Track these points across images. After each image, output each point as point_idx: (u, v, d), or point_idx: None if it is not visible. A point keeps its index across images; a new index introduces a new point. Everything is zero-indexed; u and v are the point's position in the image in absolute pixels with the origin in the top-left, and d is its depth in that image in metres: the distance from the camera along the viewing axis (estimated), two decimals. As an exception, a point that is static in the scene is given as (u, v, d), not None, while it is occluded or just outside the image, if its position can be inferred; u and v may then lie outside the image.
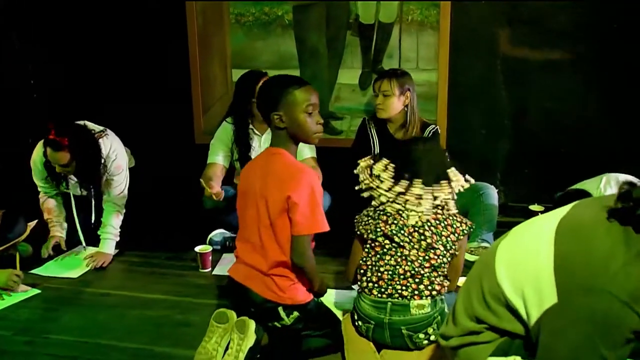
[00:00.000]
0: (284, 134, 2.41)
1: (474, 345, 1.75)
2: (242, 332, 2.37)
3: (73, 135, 3.35)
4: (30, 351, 2.69)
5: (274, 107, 2.36)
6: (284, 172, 2.37)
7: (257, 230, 2.45)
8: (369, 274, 2.44)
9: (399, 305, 2.36)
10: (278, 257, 2.41)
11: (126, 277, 3.50)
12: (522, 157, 4.19)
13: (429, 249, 2.38)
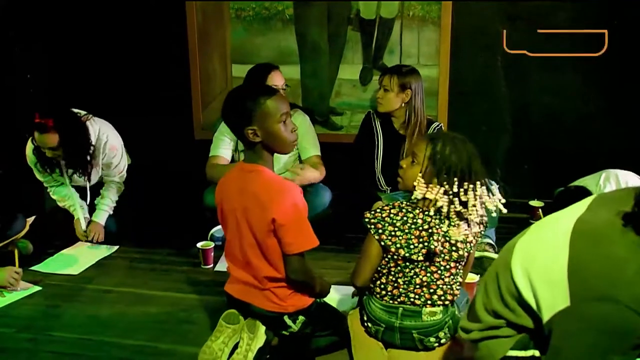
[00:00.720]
0: (258, 147, 2.31)
1: (495, 339, 1.77)
2: (252, 332, 2.37)
3: (58, 116, 3.37)
4: (32, 348, 2.68)
5: (247, 122, 2.24)
6: (265, 193, 2.27)
7: (242, 249, 2.41)
8: (384, 281, 2.34)
9: (410, 311, 2.32)
10: (269, 274, 2.37)
11: (127, 273, 3.48)
12: (522, 153, 4.20)
13: (459, 261, 2.30)
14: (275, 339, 2.45)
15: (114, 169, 3.76)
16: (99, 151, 3.64)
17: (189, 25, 4.21)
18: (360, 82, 4.10)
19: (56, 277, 3.43)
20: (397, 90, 3.54)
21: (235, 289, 2.51)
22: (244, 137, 2.30)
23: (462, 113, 4.11)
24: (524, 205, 4.06)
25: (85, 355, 2.62)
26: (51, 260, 3.63)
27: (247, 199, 2.32)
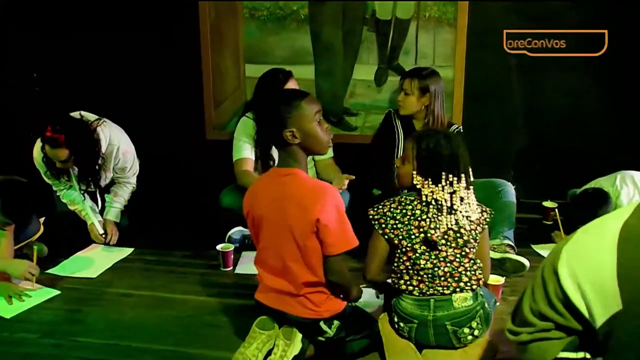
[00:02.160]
0: (295, 149, 2.38)
1: (545, 341, 1.81)
2: (289, 339, 2.38)
3: (69, 131, 3.36)
4: (59, 354, 2.67)
5: (284, 125, 2.32)
6: (306, 195, 2.32)
7: (279, 255, 2.44)
8: (407, 278, 2.44)
9: (442, 300, 2.39)
10: (307, 279, 2.40)
11: (145, 276, 3.47)
12: (536, 154, 4.23)
13: (465, 245, 2.40)
14: (311, 348, 2.46)
15: (129, 171, 3.80)
16: (111, 157, 3.66)
17: (202, 24, 4.19)
18: (375, 82, 4.11)
19: (74, 280, 3.42)
20: (418, 94, 3.57)
21: (268, 298, 2.53)
22: (281, 141, 2.35)
23: (477, 114, 4.13)
24: (537, 206, 4.10)
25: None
26: (67, 263, 3.62)
27: (286, 203, 2.34)
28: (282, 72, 3.63)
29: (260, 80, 3.67)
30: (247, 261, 3.54)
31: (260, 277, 2.56)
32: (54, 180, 3.71)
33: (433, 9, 3.93)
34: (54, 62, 4.46)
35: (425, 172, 2.41)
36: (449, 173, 2.38)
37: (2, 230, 3.27)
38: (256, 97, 3.70)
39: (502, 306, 2.93)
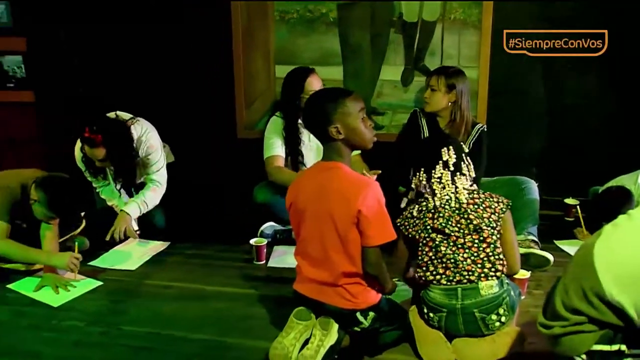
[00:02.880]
0: (339, 145, 2.47)
1: (578, 334, 1.90)
2: (326, 329, 2.46)
3: (106, 132, 3.49)
4: (106, 342, 2.78)
5: (329, 121, 2.42)
6: (349, 187, 2.42)
7: (321, 246, 2.52)
8: (432, 268, 2.55)
9: (469, 289, 2.48)
10: (346, 269, 2.49)
11: (182, 269, 3.58)
12: (557, 151, 4.28)
13: (477, 231, 2.50)
14: (347, 339, 2.53)
15: (152, 166, 3.85)
16: (140, 150, 3.76)
17: (234, 27, 4.29)
18: (402, 82, 4.19)
19: (114, 272, 3.53)
20: (445, 91, 3.64)
21: (306, 288, 2.62)
22: (326, 136, 2.45)
23: (500, 113, 4.19)
24: (559, 203, 4.15)
25: (158, 349, 2.70)
26: (107, 256, 3.74)
27: (330, 195, 2.44)
28: (303, 69, 3.76)
29: (285, 79, 3.79)
30: (279, 255, 3.66)
31: (300, 268, 2.65)
32: (93, 178, 3.83)
33: (458, 11, 4.00)
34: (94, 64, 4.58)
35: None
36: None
37: (47, 224, 3.40)
38: (283, 97, 3.82)
39: (528, 299, 3.01)
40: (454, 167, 2.59)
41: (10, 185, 3.31)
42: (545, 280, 3.26)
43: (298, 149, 3.76)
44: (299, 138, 3.78)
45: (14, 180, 3.34)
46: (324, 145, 2.54)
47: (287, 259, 3.59)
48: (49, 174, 3.36)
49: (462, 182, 2.58)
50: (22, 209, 3.32)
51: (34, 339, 2.81)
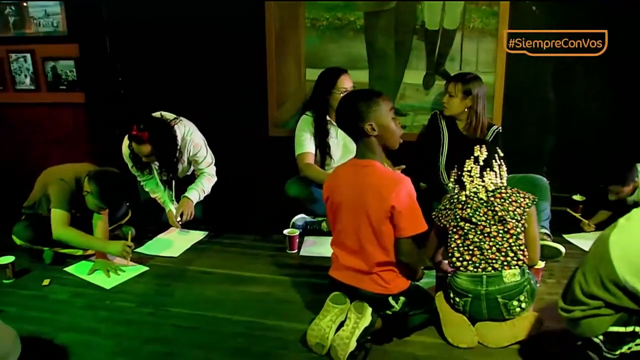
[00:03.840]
0: (373, 142, 2.54)
1: (596, 317, 1.98)
2: (361, 313, 2.53)
3: (152, 130, 3.57)
4: (155, 322, 2.87)
5: (364, 119, 2.48)
6: (383, 184, 2.48)
7: (356, 237, 2.60)
8: (458, 255, 2.64)
9: (493, 276, 2.56)
10: (380, 259, 2.57)
11: (221, 257, 3.66)
12: (566, 151, 4.30)
13: (502, 222, 2.58)
14: (379, 322, 2.60)
15: (202, 162, 3.96)
16: (185, 149, 3.85)
17: (267, 32, 4.35)
18: (424, 86, 4.23)
19: (159, 258, 3.63)
20: (461, 96, 3.71)
21: (342, 275, 2.69)
22: (360, 134, 2.52)
23: (514, 115, 4.22)
24: (567, 199, 4.18)
25: (203, 329, 2.78)
26: (151, 244, 3.83)
27: (365, 191, 2.51)
28: (337, 68, 3.85)
29: (319, 76, 3.87)
30: (309, 244, 3.74)
31: (336, 256, 2.72)
32: (139, 172, 3.92)
33: (477, 20, 4.04)
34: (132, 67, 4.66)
35: None
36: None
37: (98, 214, 3.48)
38: (315, 93, 3.90)
39: (542, 288, 3.07)
40: (484, 162, 2.67)
41: (66, 178, 3.41)
42: (557, 270, 3.32)
43: (326, 142, 3.84)
44: (327, 131, 3.85)
45: (69, 173, 3.44)
46: (357, 143, 2.60)
47: (317, 248, 3.68)
48: (101, 168, 3.45)
49: (490, 177, 2.66)
50: (77, 200, 3.41)
51: (91, 317, 2.91)
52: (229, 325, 2.82)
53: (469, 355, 2.52)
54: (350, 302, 2.62)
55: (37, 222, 3.48)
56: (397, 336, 2.64)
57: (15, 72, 4.75)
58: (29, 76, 4.74)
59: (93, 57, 4.55)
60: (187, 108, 4.02)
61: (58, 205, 3.35)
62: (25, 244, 3.55)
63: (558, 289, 3.00)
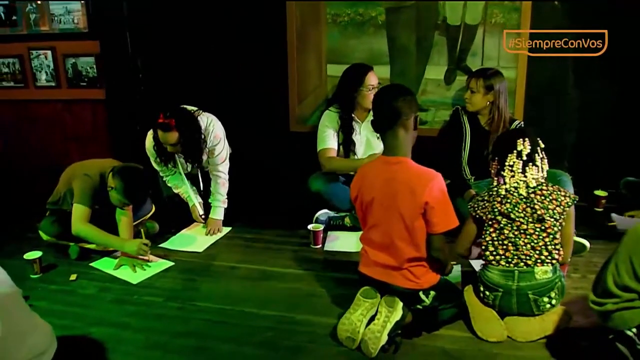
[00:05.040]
0: (407, 138, 2.59)
1: (629, 310, 1.99)
2: (392, 307, 2.54)
3: (179, 116, 3.59)
4: (184, 316, 2.90)
5: (406, 114, 2.54)
6: (416, 180, 2.51)
7: (388, 234, 2.61)
8: (492, 249, 2.63)
9: (525, 272, 2.56)
10: (411, 254, 2.58)
11: (246, 252, 3.69)
12: (587, 147, 4.29)
13: (541, 220, 2.57)
14: (410, 316, 2.61)
15: (217, 156, 3.92)
16: (207, 139, 3.84)
17: (289, 28, 4.35)
18: (445, 81, 4.23)
19: (183, 254, 3.66)
20: (483, 92, 3.71)
21: (373, 271, 2.71)
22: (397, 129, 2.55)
23: (536, 110, 4.21)
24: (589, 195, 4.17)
25: (232, 323, 2.81)
26: (175, 239, 3.86)
27: (398, 187, 2.53)
28: (364, 65, 3.85)
29: (345, 72, 3.87)
30: (333, 239, 3.75)
31: (366, 252, 2.73)
32: (162, 166, 3.92)
33: (499, 15, 4.03)
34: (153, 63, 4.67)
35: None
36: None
37: (122, 209, 3.51)
38: (340, 89, 3.90)
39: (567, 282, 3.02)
40: (527, 157, 2.64)
41: (91, 173, 3.43)
42: (582, 265, 3.32)
43: (351, 138, 3.84)
44: (352, 128, 3.85)
45: (94, 169, 3.46)
46: (388, 139, 2.61)
47: (341, 243, 3.69)
48: (125, 164, 3.47)
49: (532, 173, 2.63)
50: (100, 195, 3.44)
51: (120, 312, 2.95)
52: (257, 319, 2.84)
53: (498, 349, 2.53)
54: (380, 297, 2.63)
55: (63, 217, 3.50)
56: (426, 330, 2.65)
57: (36, 69, 4.78)
58: (49, 73, 4.77)
59: (113, 53, 4.56)
60: (208, 104, 4.01)
61: (80, 200, 3.38)
62: (51, 239, 3.59)
63: (583, 283, 3.05)
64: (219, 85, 4.58)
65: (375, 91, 3.65)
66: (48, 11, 4.64)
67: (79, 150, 4.80)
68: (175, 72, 4.61)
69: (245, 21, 4.43)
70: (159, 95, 4.55)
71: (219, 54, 4.55)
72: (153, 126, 3.67)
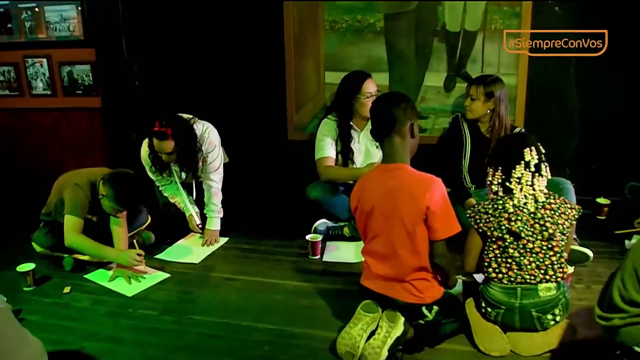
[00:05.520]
0: (405, 145, 2.54)
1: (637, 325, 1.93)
2: (393, 322, 2.48)
3: (175, 125, 3.53)
4: (180, 330, 2.82)
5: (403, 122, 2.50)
6: (416, 185, 2.45)
7: (389, 243, 2.55)
8: (495, 265, 2.54)
9: (528, 289, 2.47)
10: (414, 264, 2.51)
11: (242, 262, 3.61)
12: (589, 153, 4.24)
13: (550, 239, 2.47)
14: (411, 331, 2.54)
15: (210, 164, 3.83)
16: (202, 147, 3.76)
17: (286, 35, 4.30)
18: (444, 88, 4.18)
19: (180, 265, 3.58)
20: (484, 99, 3.67)
21: (375, 284, 2.64)
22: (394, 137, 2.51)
23: (536, 117, 4.16)
24: (591, 202, 4.11)
25: (229, 337, 2.74)
26: (171, 250, 3.79)
27: (398, 193, 2.47)
28: (362, 72, 3.79)
29: (343, 80, 3.80)
30: (331, 250, 3.68)
31: (368, 264, 2.67)
32: (157, 175, 3.86)
33: (498, 21, 3.98)
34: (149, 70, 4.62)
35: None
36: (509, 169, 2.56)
37: (115, 217, 3.44)
38: (338, 97, 3.84)
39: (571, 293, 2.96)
40: (535, 168, 2.52)
41: (81, 183, 3.37)
42: (585, 275, 3.26)
43: (350, 147, 3.78)
44: (351, 136, 3.79)
45: (84, 178, 3.40)
46: (386, 147, 2.56)
47: (340, 254, 3.63)
48: (115, 170, 3.40)
49: (539, 184, 2.53)
50: (93, 205, 3.38)
51: (114, 325, 2.88)
52: (254, 333, 2.77)
53: (501, 363, 2.47)
54: (381, 311, 2.57)
55: (57, 228, 3.43)
56: (428, 345, 2.58)
57: (32, 77, 4.74)
58: (44, 81, 4.72)
59: (109, 61, 4.52)
60: (205, 112, 3.95)
61: (71, 211, 3.32)
62: (45, 251, 3.52)
63: (587, 294, 2.98)
64: (216, 92, 4.54)
65: (373, 99, 3.62)
66: (43, 19, 4.59)
67: (75, 159, 4.76)
68: (172, 79, 4.57)
69: (241, 28, 4.38)
70: (156, 103, 4.51)
71: (215, 61, 4.50)
72: (149, 134, 3.60)
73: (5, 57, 4.75)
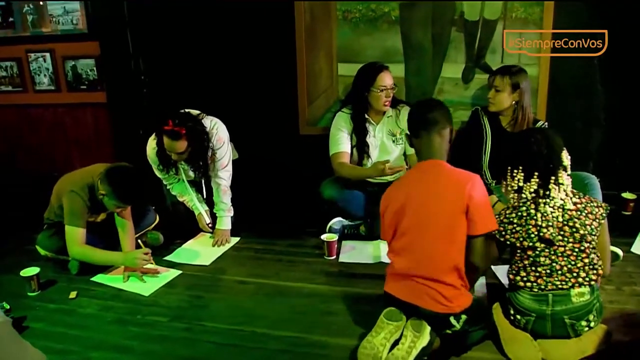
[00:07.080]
0: (445, 147, 2.51)
1: None
2: (418, 331, 2.33)
3: (189, 124, 3.36)
4: (191, 338, 2.68)
5: (446, 125, 2.50)
6: (458, 177, 2.41)
7: (422, 240, 2.42)
8: (524, 274, 2.40)
9: (560, 295, 2.33)
10: (449, 262, 2.38)
11: (255, 264, 3.46)
12: (614, 147, 4.07)
13: (582, 240, 2.34)
14: (437, 341, 2.40)
15: (219, 160, 3.67)
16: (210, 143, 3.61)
17: (297, 26, 4.13)
18: (463, 80, 4.00)
19: (190, 267, 3.43)
20: (509, 90, 3.51)
21: (401, 290, 2.49)
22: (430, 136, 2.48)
23: (559, 109, 3.99)
24: (616, 197, 3.96)
25: (244, 346, 2.59)
26: (180, 251, 3.65)
27: (440, 186, 2.41)
28: (378, 64, 3.62)
29: (359, 71, 3.64)
30: (348, 250, 3.53)
31: (393, 268, 2.53)
32: (164, 174, 3.70)
33: (519, 10, 3.80)
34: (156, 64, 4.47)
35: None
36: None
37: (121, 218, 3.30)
38: (353, 90, 3.68)
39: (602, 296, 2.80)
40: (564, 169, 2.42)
41: (76, 189, 3.22)
42: (615, 276, 3.09)
43: (365, 141, 3.62)
44: (366, 129, 3.63)
45: (80, 182, 3.25)
46: (427, 145, 2.51)
47: (357, 254, 3.48)
48: (111, 165, 3.22)
49: (568, 184, 2.40)
50: (95, 206, 3.26)
51: (122, 333, 2.74)
52: (270, 341, 2.62)
53: (532, 373, 2.32)
54: (406, 319, 2.42)
55: (61, 230, 3.28)
56: (455, 354, 2.43)
57: (35, 72, 4.60)
58: (48, 76, 4.58)
59: (114, 55, 4.38)
60: (214, 107, 3.81)
61: (70, 221, 3.19)
62: (49, 254, 3.38)
63: (619, 296, 2.85)
64: (224, 86, 4.38)
65: (388, 92, 3.46)
66: (46, 12, 4.44)
67: (81, 155, 4.64)
68: (179, 73, 4.41)
69: (251, 19, 4.22)
70: (163, 98, 4.37)
71: (224, 54, 4.34)
72: (157, 131, 3.44)
73: (7, 52, 4.60)
